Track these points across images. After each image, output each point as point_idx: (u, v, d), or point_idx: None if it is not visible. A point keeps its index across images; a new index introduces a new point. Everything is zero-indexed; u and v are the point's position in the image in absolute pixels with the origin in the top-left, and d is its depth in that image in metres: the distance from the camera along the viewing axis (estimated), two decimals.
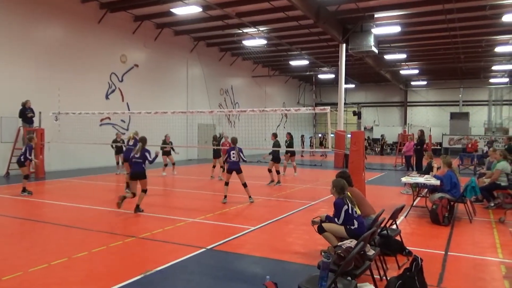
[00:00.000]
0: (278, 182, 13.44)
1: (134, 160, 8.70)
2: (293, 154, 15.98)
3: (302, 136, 31.80)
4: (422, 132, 15.42)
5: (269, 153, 14.09)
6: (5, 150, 14.74)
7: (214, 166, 15.12)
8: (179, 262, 5.46)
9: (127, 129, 19.74)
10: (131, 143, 11.08)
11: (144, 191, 8.73)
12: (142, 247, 6.20)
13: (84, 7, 17.39)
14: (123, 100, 19.69)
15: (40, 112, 14.95)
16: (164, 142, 15.18)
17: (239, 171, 9.90)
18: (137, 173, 8.68)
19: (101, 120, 18.21)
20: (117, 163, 15.76)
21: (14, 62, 14.99)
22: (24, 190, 10.59)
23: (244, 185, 9.98)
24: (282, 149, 14.44)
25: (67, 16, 16.85)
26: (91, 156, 17.27)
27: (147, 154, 8.63)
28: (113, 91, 19.28)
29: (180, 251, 5.92)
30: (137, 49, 20.53)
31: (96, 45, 18.19)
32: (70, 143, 15.04)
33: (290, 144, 15.54)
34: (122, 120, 19.62)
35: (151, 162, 8.70)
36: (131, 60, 20.18)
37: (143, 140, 8.91)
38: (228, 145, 14.08)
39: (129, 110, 19.36)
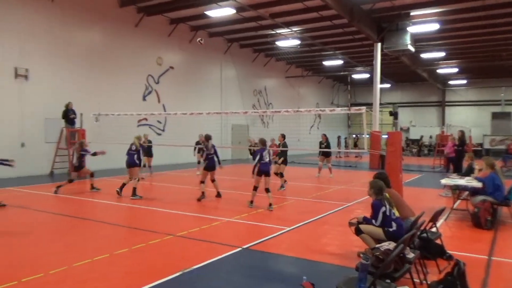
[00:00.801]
0: (282, 186, 12.52)
1: (209, 156, 10.39)
2: (328, 155, 15.80)
3: (339, 137, 31.46)
4: (462, 132, 14.90)
5: (278, 156, 12.88)
6: (49, 150, 15.40)
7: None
8: (216, 261, 5.54)
9: (163, 130, 20.21)
10: (133, 148, 10.92)
11: (214, 180, 10.60)
12: (180, 245, 6.33)
13: (122, 11, 17.93)
14: (159, 102, 20.14)
15: (81, 114, 15.52)
16: (198, 142, 15.38)
17: (268, 174, 9.35)
18: (213, 165, 10.45)
19: (139, 121, 18.68)
20: (144, 165, 14.47)
21: (57, 66, 15.64)
22: (93, 187, 11.53)
23: (267, 190, 9.29)
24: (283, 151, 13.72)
25: (106, 20, 17.43)
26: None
27: (217, 149, 10.68)
28: (149, 92, 19.76)
29: (216, 250, 6.00)
30: (172, 51, 20.96)
31: (133, 48, 18.72)
32: (109, 144, 15.49)
33: (327, 145, 15.45)
34: (158, 121, 20.08)
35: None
36: (166, 62, 20.62)
37: (210, 137, 10.59)
38: (275, 146, 14.24)
39: (165, 111, 19.77)
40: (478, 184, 8.18)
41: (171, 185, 13.34)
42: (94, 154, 11.52)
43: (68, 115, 15.24)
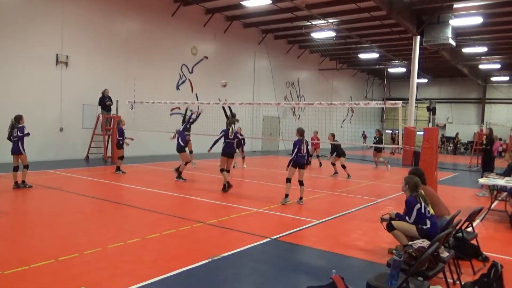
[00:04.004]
0: (340, 173, 14.09)
1: (228, 141, 9.97)
2: (379, 150, 17.30)
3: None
4: (491, 130, 14.38)
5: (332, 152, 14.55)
6: (86, 135, 15.88)
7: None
8: (245, 250, 5.57)
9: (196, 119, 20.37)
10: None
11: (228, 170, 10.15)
12: (209, 233, 6.40)
13: (159, 1, 18.15)
14: (192, 91, 20.35)
15: (117, 101, 15.88)
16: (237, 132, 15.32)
17: (302, 166, 8.85)
18: (229, 152, 10.05)
19: (171, 109, 18.94)
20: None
21: (95, 53, 16.05)
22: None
23: (301, 183, 8.91)
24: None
25: (144, 9, 17.70)
26: (158, 143, 17.91)
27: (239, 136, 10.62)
28: (183, 82, 19.99)
29: (245, 240, 6.04)
30: (207, 41, 21.08)
31: (169, 37, 18.95)
32: (143, 131, 15.81)
33: (379, 140, 16.60)
34: (190, 110, 20.21)
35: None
36: (201, 52, 20.77)
37: (234, 121, 10.43)
38: (316, 139, 14.63)
39: (198, 100, 19.95)
40: None
41: (201, 173, 13.50)
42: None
43: (104, 102, 15.62)
